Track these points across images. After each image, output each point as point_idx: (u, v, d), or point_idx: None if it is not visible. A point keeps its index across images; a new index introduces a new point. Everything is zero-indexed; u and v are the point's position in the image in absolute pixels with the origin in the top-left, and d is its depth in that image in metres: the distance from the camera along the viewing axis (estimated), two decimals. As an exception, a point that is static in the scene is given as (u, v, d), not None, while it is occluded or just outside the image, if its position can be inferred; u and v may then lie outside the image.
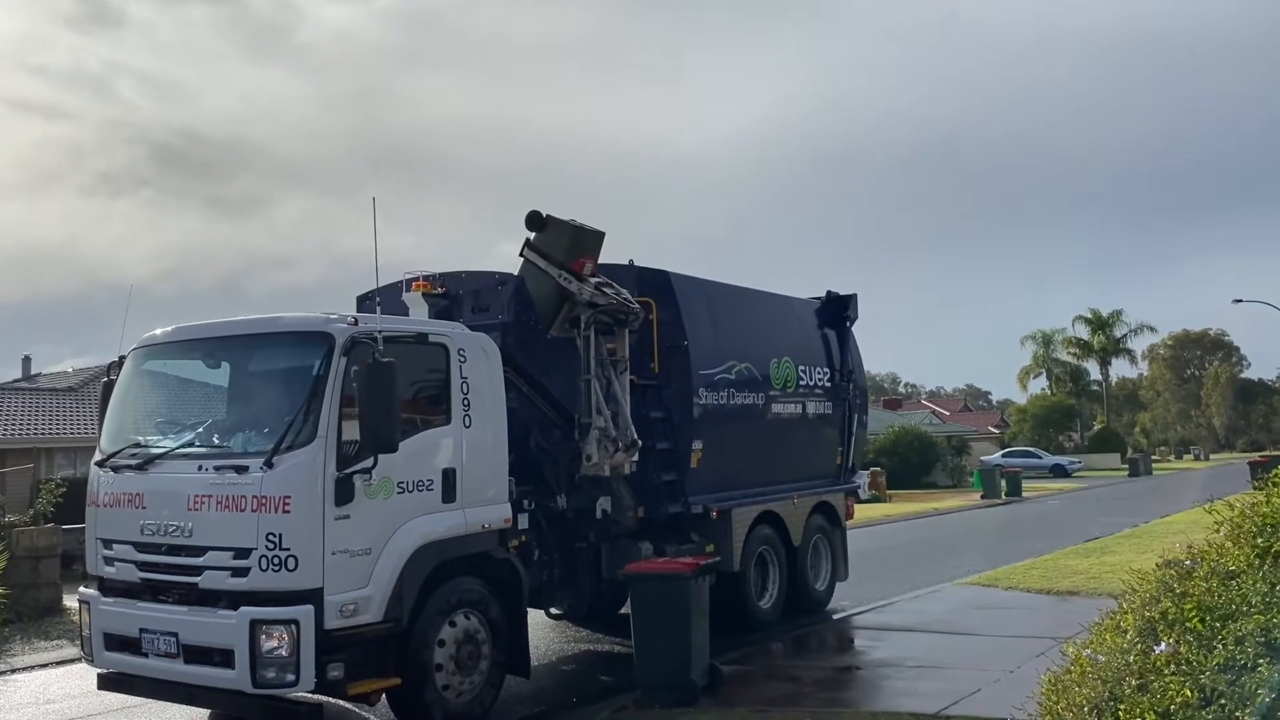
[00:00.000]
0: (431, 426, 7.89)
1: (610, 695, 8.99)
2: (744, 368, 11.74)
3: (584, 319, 9.46)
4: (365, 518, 7.25)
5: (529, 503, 9.19)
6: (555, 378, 9.74)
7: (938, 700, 8.24)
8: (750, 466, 11.77)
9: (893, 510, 32.29)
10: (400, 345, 7.64)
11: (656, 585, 8.58)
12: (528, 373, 9.44)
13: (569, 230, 9.33)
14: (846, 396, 13.73)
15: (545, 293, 9.33)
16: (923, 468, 48.65)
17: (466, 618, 7.96)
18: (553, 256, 9.22)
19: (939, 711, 7.92)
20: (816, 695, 9.01)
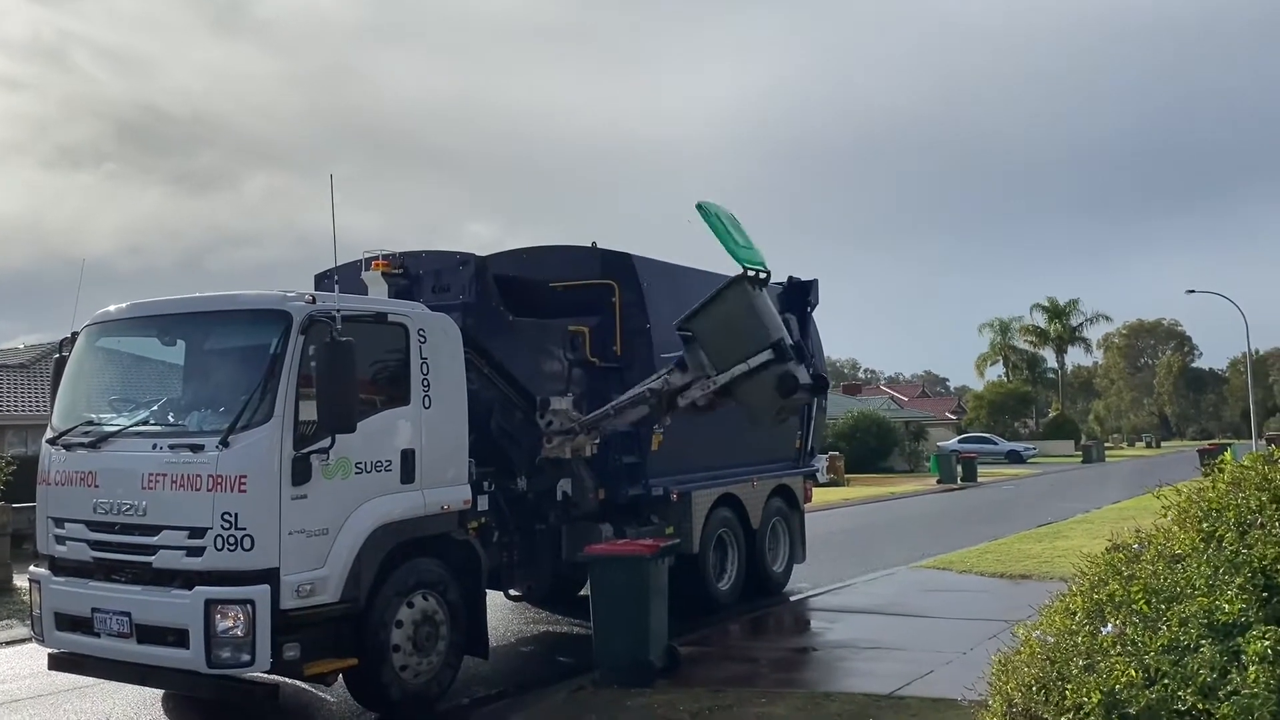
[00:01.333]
0: (390, 407, 7.85)
1: (569, 676, 9.02)
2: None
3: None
4: (322, 498, 7.20)
5: (489, 484, 9.18)
6: (517, 359, 9.72)
7: (891, 681, 8.35)
8: (711, 450, 11.81)
9: (850, 494, 32.53)
10: (359, 325, 7.59)
11: (616, 567, 8.66)
12: (489, 354, 9.40)
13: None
14: (807, 381, 13.79)
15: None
16: (880, 452, 49.10)
17: (425, 599, 7.95)
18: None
19: (893, 692, 8.03)
20: (772, 675, 9.11)
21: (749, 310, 8.96)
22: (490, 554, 9.17)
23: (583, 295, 10.95)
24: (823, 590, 13.45)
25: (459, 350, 8.50)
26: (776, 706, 7.61)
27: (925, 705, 7.51)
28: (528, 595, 10.72)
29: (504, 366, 9.55)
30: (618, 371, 10.77)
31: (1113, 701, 3.95)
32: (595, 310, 10.84)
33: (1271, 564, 3.96)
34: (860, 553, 17.51)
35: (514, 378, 9.64)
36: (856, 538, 20.19)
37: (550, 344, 10.24)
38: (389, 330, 7.92)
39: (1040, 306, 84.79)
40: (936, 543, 18.20)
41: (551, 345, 10.25)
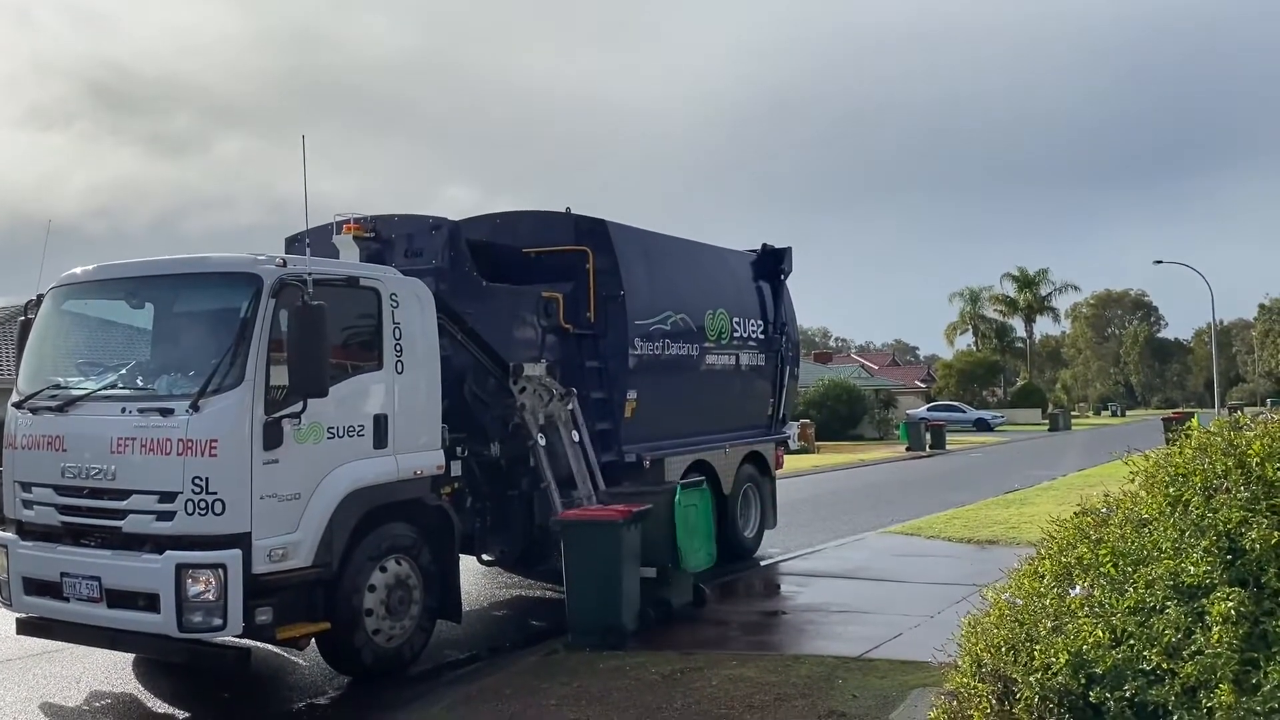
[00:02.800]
0: (362, 372, 7.80)
1: (542, 640, 9.07)
2: (680, 319, 11.78)
3: None
4: (294, 462, 7.16)
5: (462, 450, 9.16)
6: (490, 325, 9.67)
7: (861, 644, 8.44)
8: (684, 417, 11.85)
9: (821, 461, 32.79)
10: (330, 288, 7.52)
11: (588, 532, 8.71)
12: (462, 320, 9.35)
13: None
14: (779, 349, 13.87)
15: None
16: (851, 420, 49.47)
17: (398, 563, 7.95)
18: None
19: (862, 654, 8.11)
20: (743, 639, 9.20)
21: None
22: (463, 519, 9.16)
23: (557, 261, 10.90)
24: (793, 555, 13.55)
25: (432, 315, 8.44)
26: (747, 668, 7.69)
27: (894, 667, 7.61)
28: (501, 560, 10.71)
29: (477, 332, 9.50)
30: (592, 339, 10.76)
31: (1080, 661, 4.01)
32: (569, 276, 10.79)
33: (1236, 528, 4.00)
34: (830, 518, 17.64)
35: (487, 343, 9.60)
36: (826, 504, 20.30)
37: (523, 310, 10.19)
38: (361, 294, 7.86)
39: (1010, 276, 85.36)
40: (905, 509, 18.33)
41: (525, 311, 10.20)
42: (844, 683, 7.26)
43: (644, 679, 7.48)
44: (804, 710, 6.67)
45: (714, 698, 6.98)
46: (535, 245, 11.00)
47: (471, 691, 7.59)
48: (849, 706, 6.70)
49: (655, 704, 6.89)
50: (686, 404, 11.88)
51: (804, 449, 36.42)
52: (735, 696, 6.96)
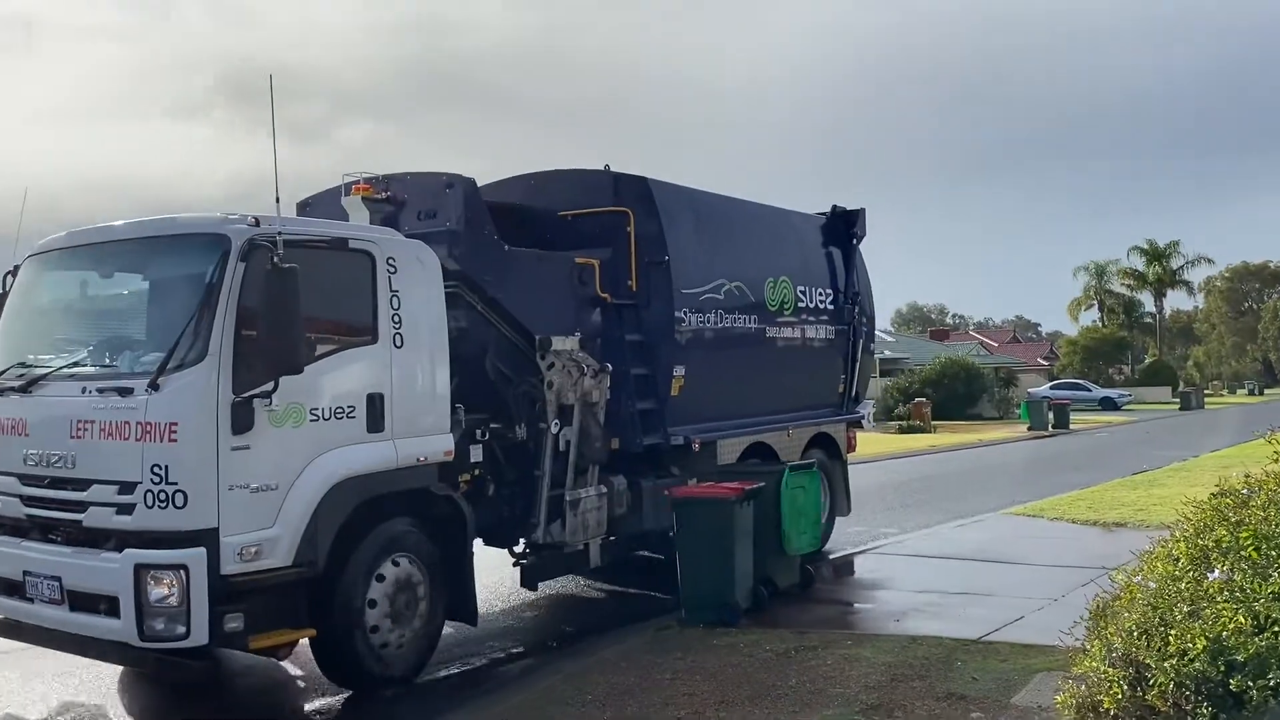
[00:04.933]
0: (354, 345, 6.91)
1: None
2: (734, 287, 10.67)
3: None
4: (269, 448, 6.32)
5: (483, 433, 8.25)
6: (514, 294, 8.71)
7: (980, 626, 8.15)
8: (740, 395, 10.75)
9: (937, 441, 32.17)
10: (314, 251, 6.66)
11: (702, 509, 8.61)
12: (481, 288, 8.42)
13: None
14: (851, 320, 12.64)
15: None
16: (969, 399, 47.34)
17: (397, 563, 7.07)
18: None
19: (981, 637, 7.84)
20: (857, 619, 9.02)
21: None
22: (486, 510, 8.29)
23: (595, 225, 9.89)
24: (909, 536, 13.15)
25: (437, 282, 7.52)
26: (862, 648, 7.56)
27: (1015, 650, 7.37)
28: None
29: (499, 302, 8.55)
30: (633, 309, 9.73)
31: (1219, 648, 3.97)
32: (608, 241, 9.77)
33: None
34: (947, 499, 17.11)
35: (511, 314, 8.64)
36: (943, 485, 19.75)
37: (553, 278, 9.21)
38: (351, 259, 6.96)
39: (1138, 249, 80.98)
40: (1027, 490, 17.52)
41: (555, 279, 9.22)
42: (963, 665, 7.06)
43: (758, 656, 7.43)
44: (922, 691, 6.49)
45: (829, 676, 6.87)
46: (571, 207, 10.01)
47: (588, 664, 7.57)
48: (969, 689, 6.50)
49: (770, 681, 6.80)
50: (743, 381, 10.77)
51: (918, 428, 36.32)
52: (851, 676, 6.85)
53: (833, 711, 6.18)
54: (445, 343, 7.51)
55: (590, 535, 8.79)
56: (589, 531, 8.77)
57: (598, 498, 8.86)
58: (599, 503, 8.87)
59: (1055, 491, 17.06)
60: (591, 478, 8.86)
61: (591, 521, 8.78)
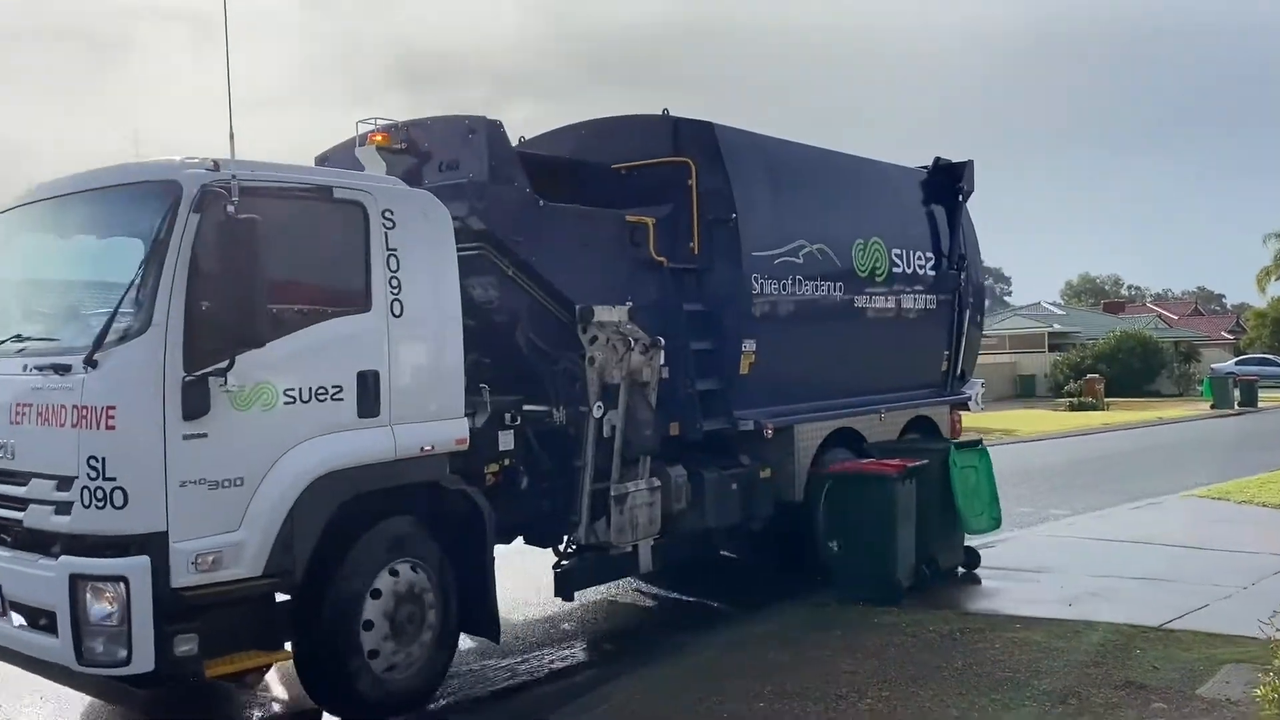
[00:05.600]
0: (340, 314, 5.84)
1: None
2: (816, 250, 9.30)
3: None
4: (232, 437, 5.30)
5: (513, 417, 7.13)
6: (552, 257, 7.54)
7: (1160, 612, 7.71)
8: (822, 374, 9.40)
9: (1111, 419, 30.48)
10: (289, 202, 5.63)
11: (861, 485, 8.44)
12: (511, 249, 7.28)
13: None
14: (956, 288, 11.11)
15: None
16: (1145, 375, 44.75)
17: (395, 572, 6.01)
18: None
19: (1162, 624, 7.44)
20: (1025, 601, 8.34)
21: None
22: (519, 505, 7.19)
23: (652, 178, 8.65)
24: (1080, 517, 12.56)
25: (448, 241, 6.40)
26: (1033, 632, 7.26)
27: (1199, 639, 6.99)
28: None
29: (532, 266, 7.40)
30: (694, 274, 8.47)
31: None
32: (667, 197, 8.53)
33: None
34: (1122, 480, 16.27)
35: (547, 281, 7.49)
36: (1118, 464, 18.89)
37: (599, 239, 8.00)
38: (337, 211, 5.88)
39: (1337, 212, 74.77)
40: (1210, 471, 16.40)
41: (601, 240, 8.01)
42: (1142, 653, 6.72)
43: (921, 637, 7.23)
44: (1098, 679, 6.18)
45: (997, 660, 6.62)
46: (627, 160, 8.78)
47: (743, 638, 7.44)
48: (1149, 678, 6.17)
49: (934, 663, 6.59)
50: (826, 358, 9.41)
51: (1090, 405, 34.86)
52: (1021, 661, 6.58)
53: (1002, 696, 5.92)
54: (458, 312, 6.39)
55: (640, 535, 7.60)
56: (638, 531, 7.58)
57: (649, 492, 7.65)
58: (650, 497, 7.66)
59: (1242, 473, 15.78)
60: (642, 469, 7.66)
61: (641, 519, 7.59)
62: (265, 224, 5.26)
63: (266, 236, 5.25)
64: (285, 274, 5.60)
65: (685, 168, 8.48)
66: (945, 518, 8.95)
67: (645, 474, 7.66)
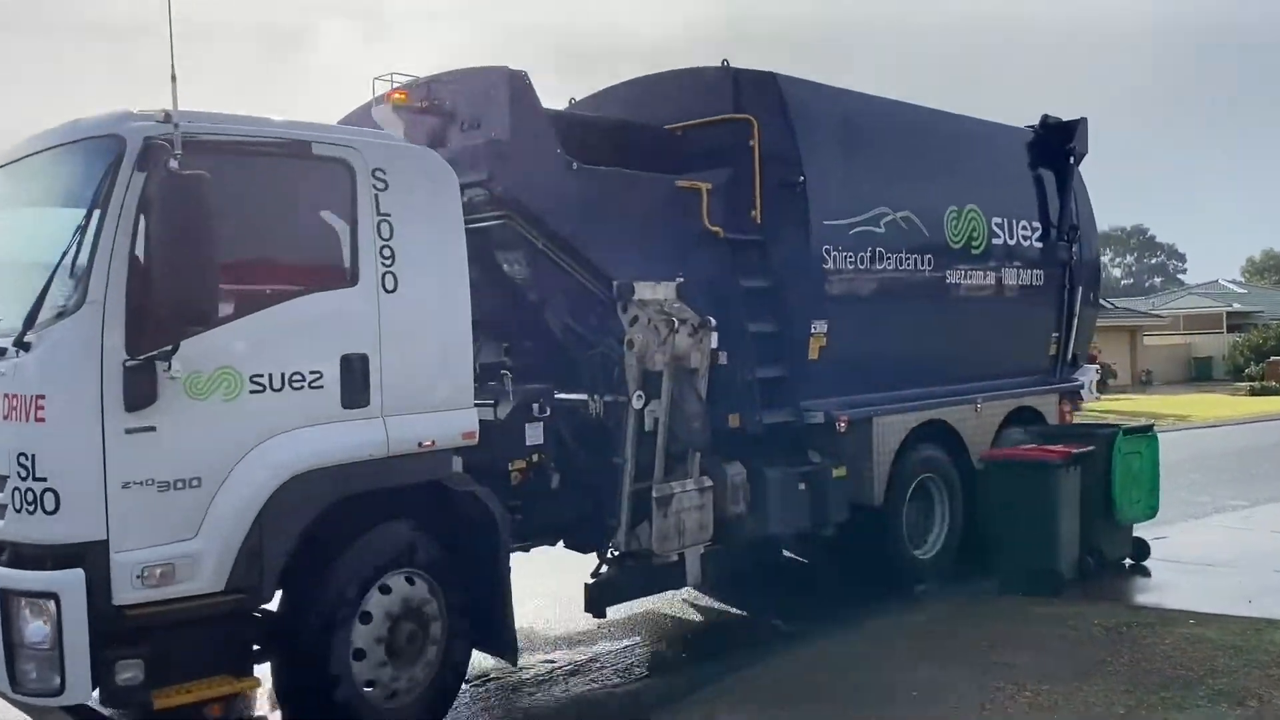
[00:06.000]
0: (320, 289, 5.06)
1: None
2: (901, 219, 8.22)
3: None
4: (186, 430, 4.57)
5: (542, 407, 6.29)
6: (588, 227, 6.68)
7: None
8: (906, 359, 8.31)
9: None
10: (259, 159, 4.88)
11: (1021, 473, 8.03)
12: (540, 218, 6.44)
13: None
14: (1066, 262, 9.87)
15: None
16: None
17: (387, 589, 5.21)
18: None
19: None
20: (1197, 597, 7.75)
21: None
22: (550, 506, 6.40)
23: (708, 139, 7.71)
24: (1259, 509, 11.65)
25: (453, 205, 5.56)
26: (1207, 629, 6.84)
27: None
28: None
29: (564, 237, 6.55)
30: (756, 247, 7.49)
31: None
32: (725, 159, 7.57)
33: None
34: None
35: (582, 254, 6.63)
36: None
37: (644, 207, 7.07)
38: (317, 169, 5.09)
39: None
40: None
41: (646, 209, 7.09)
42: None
43: (1083, 630, 6.91)
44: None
45: (1167, 656, 6.29)
46: (681, 119, 7.85)
47: (889, 625, 7.22)
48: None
49: (1099, 657, 6.31)
50: (910, 340, 8.32)
51: (1275, 390, 32.86)
52: (1193, 658, 6.24)
53: (1173, 694, 5.61)
54: (464, 287, 5.55)
55: (687, 542, 6.68)
56: (685, 537, 6.66)
57: (698, 493, 6.72)
58: (700, 499, 6.73)
59: None
60: (691, 466, 6.73)
61: (689, 524, 6.67)
62: (227, 183, 4.55)
63: (226, 197, 4.53)
64: (253, 242, 4.89)
65: (746, 126, 7.51)
66: (1108, 507, 8.45)
67: (695, 472, 6.74)
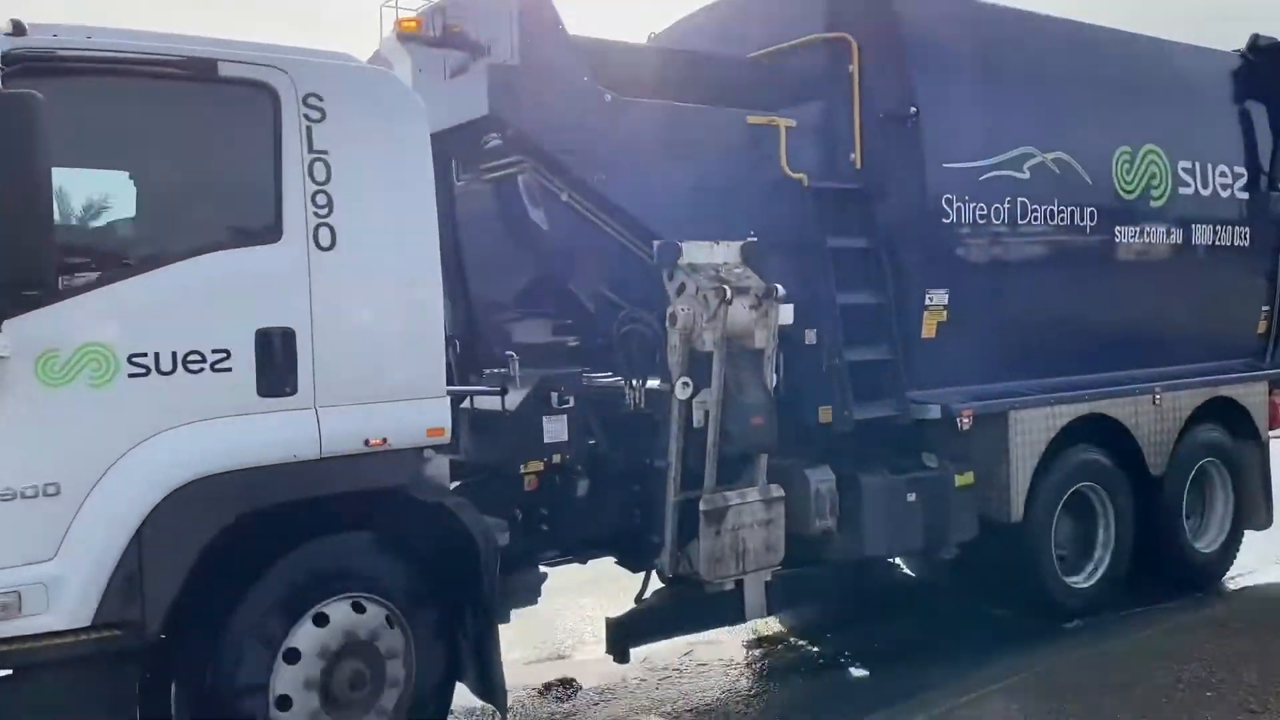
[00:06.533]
0: (228, 246, 4.02)
1: None
2: (1051, 161, 6.54)
3: None
4: (38, 426, 3.63)
5: (562, 398, 5.10)
6: (629, 174, 5.40)
7: None
8: (1055, 337, 6.63)
9: None
10: (144, 82, 3.86)
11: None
12: (561, 163, 5.22)
13: None
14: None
15: None
16: None
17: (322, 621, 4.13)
18: None
19: None
20: None
21: None
22: (579, 518, 5.24)
23: (797, 67, 6.28)
24: None
25: (418, 141, 4.41)
26: None
27: None
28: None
29: (596, 185, 5.30)
30: (851, 197, 6.01)
31: None
32: (816, 91, 6.14)
33: None
34: None
35: (619, 207, 5.36)
36: None
37: (702, 149, 5.68)
38: (226, 96, 4.02)
39: None
40: None
41: (705, 151, 5.70)
42: None
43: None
44: None
45: None
46: (764, 44, 6.44)
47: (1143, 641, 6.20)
48: None
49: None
50: (1062, 314, 6.64)
51: None
52: None
53: None
54: (432, 242, 4.40)
55: (748, 566, 5.32)
56: (746, 560, 5.30)
57: (764, 505, 5.34)
58: (767, 513, 5.36)
59: None
60: (756, 472, 5.37)
61: (752, 544, 5.31)
62: (101, 112, 3.61)
63: (101, 130, 3.61)
64: (140, 187, 3.89)
65: (843, 48, 6.04)
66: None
67: (761, 479, 5.37)
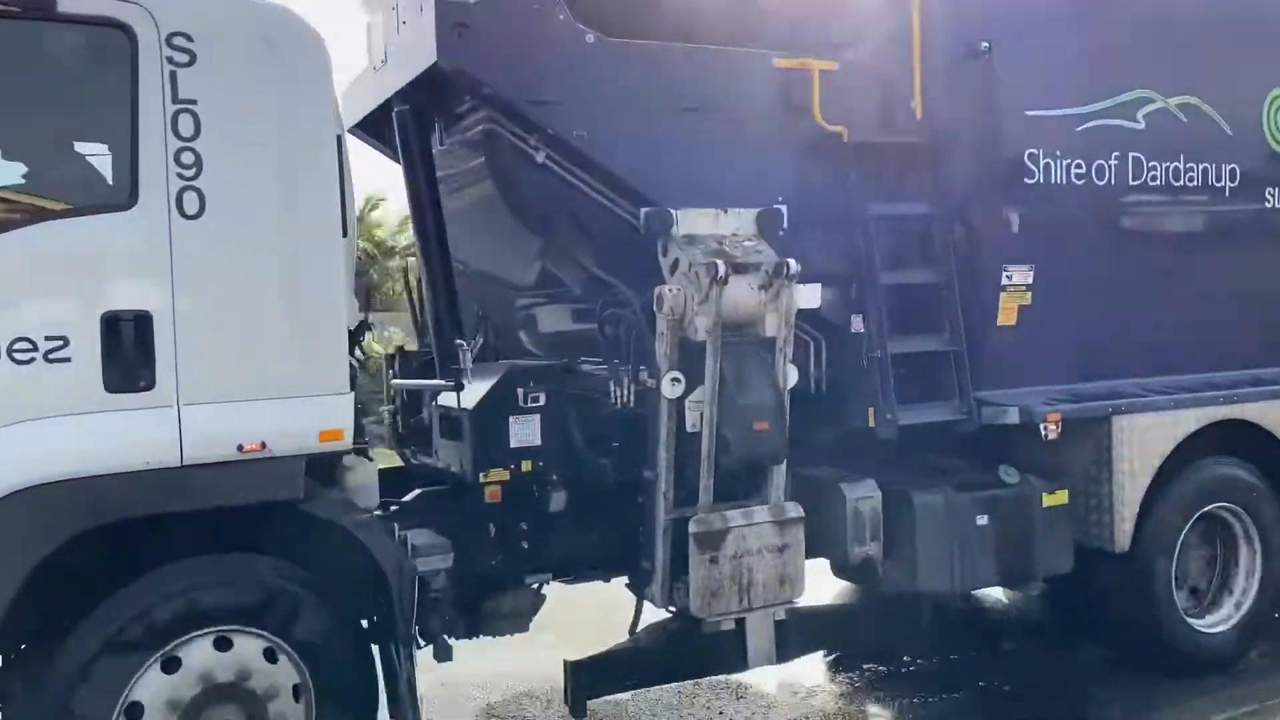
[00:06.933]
0: (66, 214, 3.41)
1: None
2: (1177, 107, 5.30)
3: None
4: None
5: (533, 394, 4.31)
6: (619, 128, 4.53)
7: None
8: (1177, 327, 5.36)
9: None
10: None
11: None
12: (532, 119, 4.42)
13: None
14: None
15: None
16: None
17: (173, 663, 3.45)
18: None
19: None
20: None
21: None
22: (552, 537, 4.44)
23: (840, 3, 5.25)
24: None
25: (319, 90, 3.69)
26: None
27: None
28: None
29: (578, 144, 4.45)
30: (909, 152, 4.95)
31: None
32: (863, 30, 5.10)
33: None
34: None
35: (606, 168, 4.51)
36: None
37: (715, 97, 4.74)
38: (69, 37, 3.42)
39: None
40: None
41: (719, 100, 4.75)
42: None
43: None
44: None
45: None
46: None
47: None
48: None
49: None
50: (1187, 298, 5.37)
51: None
52: None
53: None
54: (333, 211, 3.68)
55: (754, 603, 4.37)
56: (749, 596, 4.35)
57: (775, 528, 4.38)
58: (780, 537, 4.39)
59: None
60: (770, 486, 4.43)
61: (760, 575, 4.35)
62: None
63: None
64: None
65: (897, -25, 5.00)
66: None
67: (774, 495, 4.42)
